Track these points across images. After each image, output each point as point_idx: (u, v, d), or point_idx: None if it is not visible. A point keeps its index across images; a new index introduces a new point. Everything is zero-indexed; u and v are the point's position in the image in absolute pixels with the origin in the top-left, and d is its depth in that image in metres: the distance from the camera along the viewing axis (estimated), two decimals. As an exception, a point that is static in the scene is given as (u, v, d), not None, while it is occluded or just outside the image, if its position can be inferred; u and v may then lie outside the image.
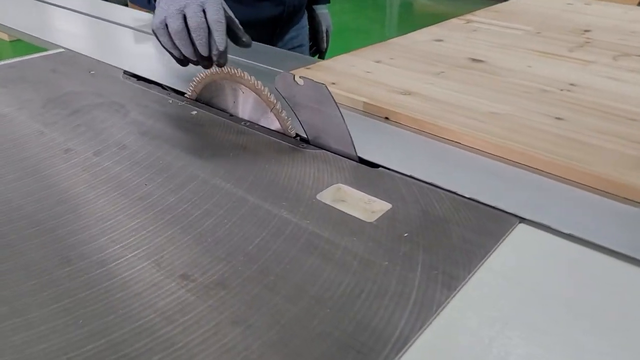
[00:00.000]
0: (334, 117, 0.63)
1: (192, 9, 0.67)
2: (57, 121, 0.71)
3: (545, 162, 0.61)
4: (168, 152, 0.64)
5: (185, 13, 0.67)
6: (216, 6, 0.68)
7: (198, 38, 0.68)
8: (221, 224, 0.52)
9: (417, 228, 0.51)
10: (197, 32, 0.67)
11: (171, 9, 0.68)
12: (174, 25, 0.67)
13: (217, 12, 0.68)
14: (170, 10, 0.68)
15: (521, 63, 0.92)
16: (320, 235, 0.50)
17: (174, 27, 0.67)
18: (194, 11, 0.67)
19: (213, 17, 0.67)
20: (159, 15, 0.69)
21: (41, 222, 0.51)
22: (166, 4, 0.69)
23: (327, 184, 0.59)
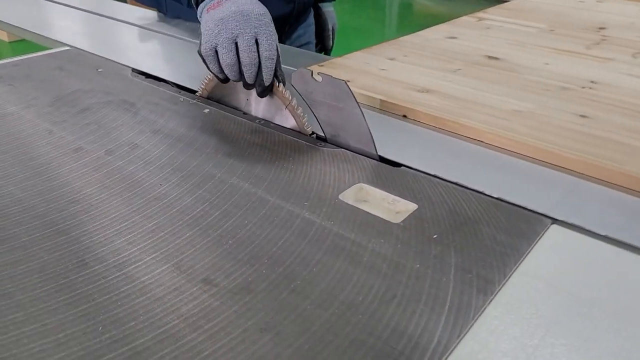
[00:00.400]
0: (354, 114, 0.61)
1: (246, 40, 0.63)
2: (65, 119, 0.69)
3: (574, 160, 0.59)
4: (182, 150, 0.62)
5: (238, 43, 0.64)
6: (270, 40, 0.65)
7: (248, 72, 0.65)
8: (242, 225, 0.49)
9: (447, 229, 0.49)
10: (248, 67, 0.64)
11: (222, 37, 0.64)
12: (227, 58, 0.64)
13: (270, 48, 0.64)
14: (222, 39, 0.64)
15: (538, 60, 0.90)
16: (346, 236, 0.48)
17: (226, 60, 0.64)
18: (247, 44, 0.63)
19: (265, 54, 0.64)
20: (209, 40, 0.64)
21: (54, 223, 0.49)
22: (217, 27, 0.64)
23: (349, 183, 0.57)
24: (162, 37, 1.05)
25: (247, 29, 0.64)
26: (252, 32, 0.64)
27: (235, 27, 0.64)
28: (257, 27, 0.64)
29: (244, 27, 0.64)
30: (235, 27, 0.64)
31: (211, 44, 0.64)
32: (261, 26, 0.64)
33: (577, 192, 0.56)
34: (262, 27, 0.64)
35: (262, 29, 0.64)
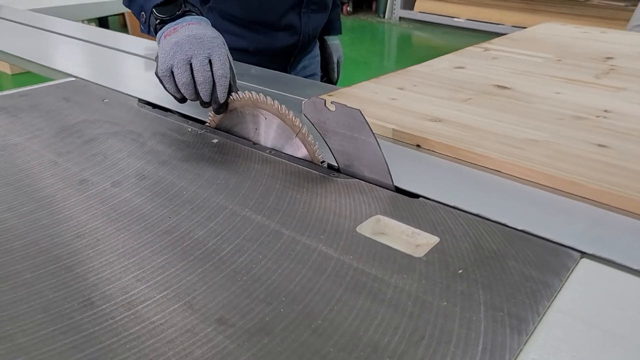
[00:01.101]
0: (369, 144, 0.60)
1: (199, 60, 0.67)
2: (71, 150, 0.67)
3: (598, 191, 0.57)
4: (191, 182, 0.60)
5: (192, 64, 0.68)
6: (222, 59, 0.69)
7: (203, 90, 0.68)
8: (256, 260, 0.47)
9: (472, 263, 0.47)
10: (202, 85, 0.68)
11: (177, 58, 0.67)
12: (182, 78, 0.68)
13: (223, 67, 0.68)
14: (177, 60, 0.67)
15: (548, 90, 0.89)
16: (367, 272, 0.46)
17: (181, 79, 0.68)
18: (201, 64, 0.67)
19: (219, 72, 0.68)
20: (165, 62, 0.68)
21: (59, 258, 0.46)
22: (172, 50, 0.68)
23: (366, 215, 0.55)
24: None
25: (201, 50, 0.68)
26: (205, 53, 0.68)
27: (189, 49, 0.68)
28: (210, 48, 0.68)
29: (197, 49, 0.68)
30: (189, 49, 0.68)
31: (167, 65, 0.68)
32: (214, 47, 0.68)
33: (603, 223, 0.54)
34: (214, 49, 0.68)
35: (214, 50, 0.68)
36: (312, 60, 1.27)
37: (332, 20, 1.32)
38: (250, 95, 0.68)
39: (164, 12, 0.74)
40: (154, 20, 0.74)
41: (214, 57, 0.68)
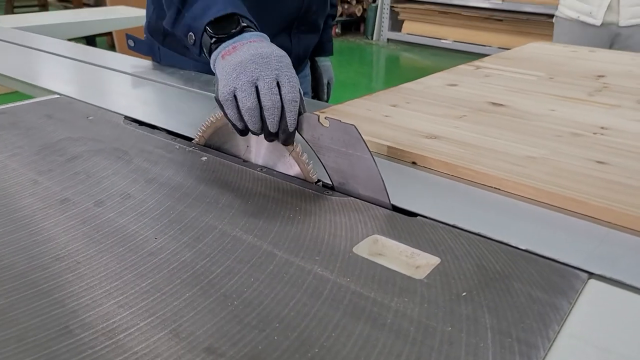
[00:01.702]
0: (365, 160, 0.57)
1: (267, 83, 0.59)
2: (52, 169, 0.64)
3: (601, 209, 0.55)
4: (179, 201, 0.57)
5: (258, 86, 0.59)
6: (292, 82, 0.60)
7: (271, 117, 0.59)
8: (247, 284, 0.44)
9: (476, 285, 0.44)
10: (270, 110, 0.59)
11: (242, 80, 0.59)
12: (248, 102, 0.59)
13: (293, 91, 0.59)
14: (241, 82, 0.59)
15: (543, 107, 0.88)
16: (366, 295, 0.43)
17: (247, 104, 0.59)
18: (269, 87, 0.59)
19: (288, 97, 0.59)
20: (228, 84, 0.60)
21: (36, 283, 0.43)
22: (235, 71, 0.60)
23: (362, 235, 0.52)
24: (156, 84, 1.02)
25: (268, 71, 0.59)
26: (273, 75, 0.59)
27: (255, 70, 0.59)
28: (278, 69, 0.60)
29: (264, 70, 0.59)
30: (254, 70, 0.59)
31: (230, 87, 0.60)
32: (282, 68, 0.60)
33: (609, 242, 0.52)
34: (283, 69, 0.60)
35: (283, 71, 0.60)
36: (303, 80, 1.26)
37: (324, 41, 1.31)
38: None
39: (219, 30, 0.66)
40: (208, 40, 0.66)
41: (283, 79, 0.60)
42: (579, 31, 1.79)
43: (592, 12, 1.73)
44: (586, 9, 1.75)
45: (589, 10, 1.73)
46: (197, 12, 0.69)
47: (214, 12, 0.67)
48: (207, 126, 0.71)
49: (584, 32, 1.77)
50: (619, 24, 1.71)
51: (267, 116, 0.59)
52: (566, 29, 1.84)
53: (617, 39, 1.75)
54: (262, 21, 1.03)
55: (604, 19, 1.72)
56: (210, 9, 0.68)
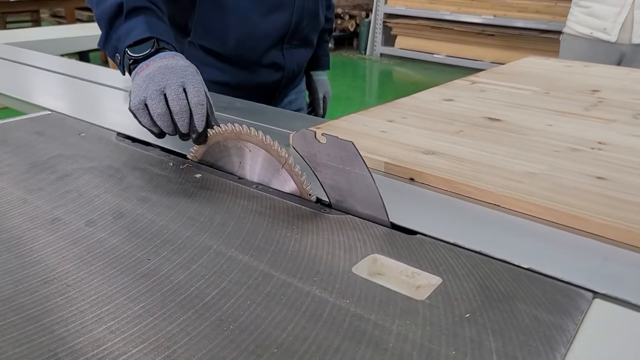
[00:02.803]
0: (362, 177, 0.56)
1: (174, 90, 0.65)
2: (42, 187, 0.62)
3: (603, 226, 0.54)
4: (173, 220, 0.56)
5: (166, 94, 0.65)
6: (197, 87, 0.66)
7: (180, 120, 0.65)
8: (244, 306, 0.43)
9: (479, 306, 0.43)
10: (179, 114, 0.65)
11: (150, 89, 0.65)
12: (157, 108, 0.65)
13: (199, 94, 0.65)
14: (150, 91, 0.65)
15: (540, 122, 0.87)
16: (366, 317, 0.42)
17: (157, 110, 0.65)
18: (175, 93, 0.65)
19: (194, 100, 0.65)
20: (138, 94, 0.65)
21: (23, 308, 0.41)
22: (144, 82, 0.65)
23: (361, 254, 0.51)
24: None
25: (174, 79, 0.65)
26: (179, 82, 0.65)
27: (162, 80, 0.65)
28: (183, 77, 0.66)
29: (170, 78, 0.65)
30: (161, 80, 0.65)
31: (140, 97, 0.65)
32: (187, 76, 0.66)
33: (612, 260, 0.51)
34: (188, 77, 0.66)
35: (188, 78, 0.66)
36: (298, 95, 1.25)
37: (320, 55, 1.31)
38: (234, 128, 0.65)
39: (137, 52, 0.71)
40: (128, 61, 0.72)
41: (188, 85, 0.65)
42: (589, 48, 1.78)
43: (607, 28, 1.72)
44: (600, 25, 1.74)
45: (603, 26, 1.73)
46: (121, 34, 0.74)
47: (134, 35, 0.72)
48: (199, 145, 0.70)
49: (593, 49, 1.76)
50: (631, 42, 1.71)
51: (177, 120, 0.65)
52: (575, 46, 1.83)
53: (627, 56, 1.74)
54: (252, 37, 1.03)
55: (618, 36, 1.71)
56: (131, 33, 0.73)
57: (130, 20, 0.74)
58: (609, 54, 1.75)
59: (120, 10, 0.75)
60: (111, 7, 0.75)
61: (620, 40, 1.72)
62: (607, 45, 1.75)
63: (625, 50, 1.74)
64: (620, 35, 1.71)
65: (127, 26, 0.74)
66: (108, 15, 0.76)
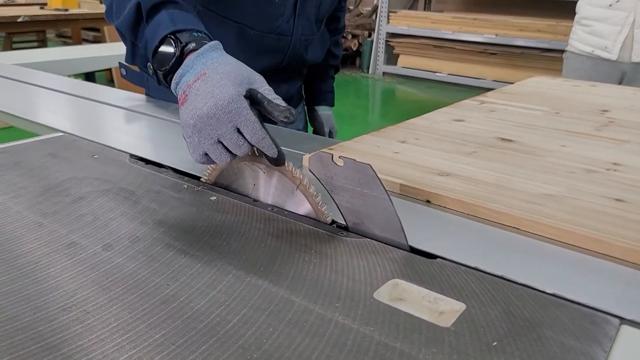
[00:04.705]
0: (380, 200, 0.56)
1: (230, 138, 0.58)
2: (57, 211, 0.62)
3: (626, 249, 0.54)
4: (190, 244, 0.55)
5: (224, 144, 0.59)
6: (250, 126, 0.57)
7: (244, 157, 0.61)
8: (266, 334, 0.42)
9: (506, 334, 0.42)
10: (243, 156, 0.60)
11: (206, 143, 0.58)
12: (221, 160, 0.60)
13: (255, 133, 0.58)
14: (206, 144, 0.58)
15: (553, 142, 0.87)
16: (392, 345, 0.41)
17: (222, 160, 0.60)
18: (234, 142, 0.58)
19: (253, 139, 0.58)
20: (195, 149, 0.60)
21: (42, 336, 0.41)
22: (195, 134, 0.58)
23: (382, 279, 0.50)
24: (159, 121, 1.01)
25: (224, 128, 0.57)
26: (230, 129, 0.58)
27: (212, 132, 0.58)
28: (232, 120, 0.57)
29: (219, 129, 0.57)
30: (211, 132, 0.58)
31: (199, 152, 0.60)
32: (234, 116, 0.57)
33: (636, 284, 0.50)
34: (236, 117, 0.57)
35: (237, 119, 0.57)
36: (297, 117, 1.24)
37: (325, 91, 1.29)
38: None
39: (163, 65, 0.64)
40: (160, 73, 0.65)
41: (241, 126, 0.58)
42: (591, 66, 1.80)
43: (608, 46, 1.74)
44: (601, 44, 1.76)
45: (604, 44, 1.75)
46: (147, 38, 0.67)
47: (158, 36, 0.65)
48: (213, 168, 0.70)
49: (595, 67, 1.78)
50: (631, 60, 1.72)
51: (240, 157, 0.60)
52: (577, 64, 1.85)
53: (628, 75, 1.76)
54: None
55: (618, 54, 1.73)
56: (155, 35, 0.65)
57: (152, 20, 0.67)
58: (610, 72, 1.77)
59: (139, 14, 0.68)
60: (129, 13, 0.68)
61: (620, 59, 1.74)
62: (609, 64, 1.77)
63: (626, 68, 1.76)
64: (621, 53, 1.73)
65: (151, 28, 0.67)
66: (128, 25, 0.70)
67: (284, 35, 1.00)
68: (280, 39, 1.00)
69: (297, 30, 1.01)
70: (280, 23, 0.98)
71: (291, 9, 0.98)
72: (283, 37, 1.00)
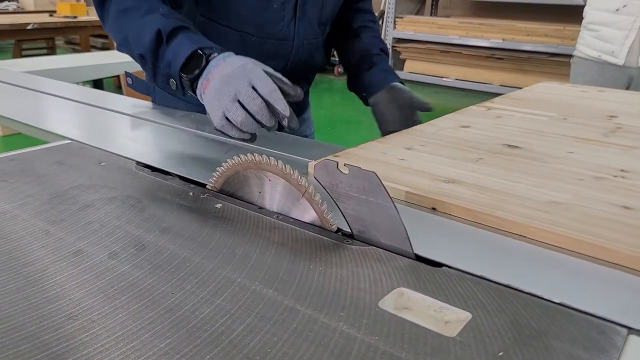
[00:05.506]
0: (386, 208, 0.56)
1: (245, 92, 0.67)
2: (64, 219, 0.62)
3: (633, 258, 0.53)
4: (195, 252, 0.55)
5: (240, 100, 0.67)
6: (262, 79, 0.67)
7: (264, 119, 0.68)
8: (271, 343, 0.42)
9: (512, 344, 0.42)
10: (260, 114, 0.68)
11: (225, 101, 0.68)
12: (238, 117, 0.68)
13: (267, 84, 0.67)
14: (225, 103, 0.68)
15: (560, 149, 0.87)
16: (397, 355, 0.41)
17: (238, 119, 0.68)
18: (248, 95, 0.67)
19: (265, 91, 0.67)
20: (215, 112, 0.69)
21: (48, 345, 0.41)
22: (215, 98, 0.68)
23: (387, 288, 0.50)
24: (167, 128, 1.02)
25: (240, 82, 0.68)
26: (246, 83, 0.68)
27: (230, 89, 0.68)
28: (246, 75, 0.68)
29: (236, 83, 0.68)
30: (229, 89, 0.68)
31: (219, 114, 0.69)
32: (249, 73, 0.68)
33: (645, 293, 0.50)
34: (250, 74, 0.69)
35: (251, 75, 0.69)
36: (303, 124, 1.23)
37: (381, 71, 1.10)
38: (253, 157, 0.65)
39: (191, 71, 0.74)
40: (187, 82, 0.74)
41: (254, 80, 0.67)
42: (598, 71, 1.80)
43: (614, 51, 1.73)
44: (608, 48, 1.75)
45: (611, 49, 1.74)
46: (169, 59, 0.77)
47: (182, 54, 0.75)
48: (219, 176, 0.70)
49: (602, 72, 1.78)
50: (638, 65, 1.72)
51: (260, 119, 0.69)
52: (585, 69, 1.85)
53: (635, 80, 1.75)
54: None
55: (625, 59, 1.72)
56: (178, 53, 0.76)
57: (173, 42, 0.77)
58: (617, 77, 1.76)
59: (160, 38, 0.77)
60: (150, 39, 0.78)
61: (627, 63, 1.73)
62: (616, 69, 1.76)
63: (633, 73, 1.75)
64: (628, 58, 1.73)
65: (172, 49, 0.77)
66: (150, 48, 0.78)
67: (285, 40, 1.00)
68: (281, 44, 1.00)
69: (299, 34, 1.01)
70: (281, 28, 0.99)
71: (291, 13, 0.98)
72: (284, 42, 1.01)
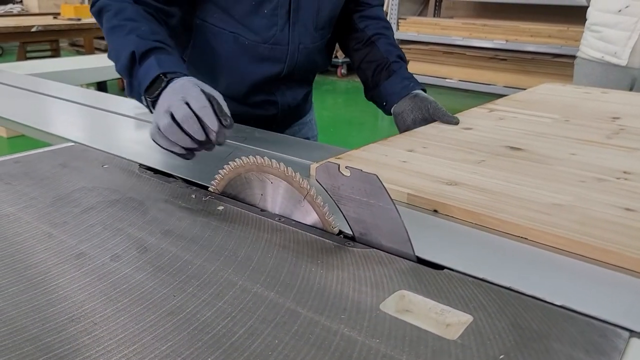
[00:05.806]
0: (387, 210, 0.56)
1: (176, 105, 0.70)
2: (67, 221, 0.62)
3: (635, 260, 0.53)
4: (197, 254, 0.56)
5: (172, 111, 0.70)
6: (197, 94, 0.71)
7: (191, 129, 0.70)
8: (272, 346, 0.42)
9: (513, 347, 0.42)
10: (186, 123, 0.70)
11: (159, 112, 0.72)
12: (163, 123, 0.71)
13: (199, 100, 0.70)
14: (159, 114, 0.72)
15: (563, 150, 0.87)
16: (397, 358, 0.41)
17: (162, 124, 0.71)
18: (177, 106, 0.70)
19: (197, 106, 0.70)
20: (153, 123, 0.73)
21: (50, 348, 0.41)
22: (155, 110, 0.74)
23: (388, 290, 0.50)
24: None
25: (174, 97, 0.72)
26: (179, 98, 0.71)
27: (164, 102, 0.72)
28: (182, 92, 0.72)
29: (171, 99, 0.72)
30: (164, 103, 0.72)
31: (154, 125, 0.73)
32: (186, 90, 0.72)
33: (647, 296, 0.50)
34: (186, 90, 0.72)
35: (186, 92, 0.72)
36: (303, 126, 1.23)
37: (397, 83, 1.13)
38: (255, 160, 0.65)
39: (152, 92, 0.77)
40: (150, 102, 0.79)
41: (189, 98, 0.70)
42: (601, 72, 1.79)
43: (617, 52, 1.73)
44: (611, 49, 1.75)
45: (614, 50, 1.74)
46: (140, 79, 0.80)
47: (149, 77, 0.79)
48: (220, 178, 0.70)
49: (606, 73, 1.77)
50: None
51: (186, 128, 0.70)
52: (588, 70, 1.84)
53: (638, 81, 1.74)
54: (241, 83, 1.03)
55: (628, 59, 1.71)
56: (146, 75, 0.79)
57: (144, 64, 0.80)
58: (621, 78, 1.76)
59: (134, 59, 0.81)
60: (126, 59, 0.82)
61: (630, 64, 1.73)
62: (619, 70, 1.75)
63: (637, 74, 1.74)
64: (631, 59, 1.72)
65: (143, 70, 0.81)
66: (126, 67, 0.82)
67: (279, 45, 1.01)
68: (275, 48, 1.01)
69: (294, 39, 1.01)
70: (274, 33, 0.99)
71: (284, 18, 0.98)
72: (279, 47, 1.01)
